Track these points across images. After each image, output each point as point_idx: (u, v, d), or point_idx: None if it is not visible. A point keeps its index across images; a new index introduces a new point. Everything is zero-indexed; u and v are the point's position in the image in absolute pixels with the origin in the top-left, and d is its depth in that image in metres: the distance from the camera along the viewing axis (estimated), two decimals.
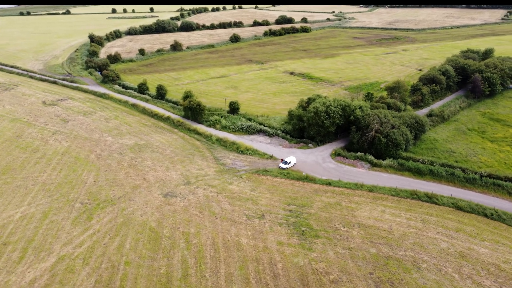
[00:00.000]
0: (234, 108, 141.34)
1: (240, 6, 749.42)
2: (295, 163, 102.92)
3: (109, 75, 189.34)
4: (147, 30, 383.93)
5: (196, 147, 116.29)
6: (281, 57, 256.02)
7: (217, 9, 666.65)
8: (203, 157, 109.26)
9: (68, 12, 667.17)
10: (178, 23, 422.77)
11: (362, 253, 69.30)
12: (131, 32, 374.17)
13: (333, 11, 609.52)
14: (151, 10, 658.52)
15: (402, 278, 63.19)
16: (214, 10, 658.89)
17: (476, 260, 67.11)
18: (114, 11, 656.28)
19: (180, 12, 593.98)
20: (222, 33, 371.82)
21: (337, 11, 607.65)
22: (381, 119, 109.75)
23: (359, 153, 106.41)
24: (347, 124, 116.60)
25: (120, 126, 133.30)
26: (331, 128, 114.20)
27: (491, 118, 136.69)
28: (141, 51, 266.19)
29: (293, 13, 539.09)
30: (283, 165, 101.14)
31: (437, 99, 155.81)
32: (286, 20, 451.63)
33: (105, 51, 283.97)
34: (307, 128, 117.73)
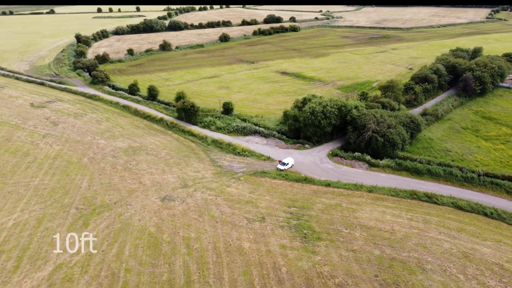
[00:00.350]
0: (228, 108, 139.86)
1: (227, 6, 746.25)
2: (293, 164, 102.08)
3: (98, 76, 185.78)
4: (134, 30, 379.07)
5: (192, 149, 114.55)
6: (271, 57, 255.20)
7: (205, 8, 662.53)
8: (199, 159, 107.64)
9: (52, 12, 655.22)
10: (166, 22, 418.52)
11: (366, 255, 68.78)
12: (118, 32, 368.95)
13: (321, 10, 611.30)
14: (138, 9, 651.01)
15: (407, 280, 62.80)
16: (201, 9, 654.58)
17: (479, 260, 67.16)
18: (99, 10, 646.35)
19: (167, 11, 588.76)
20: (211, 33, 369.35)
21: (324, 10, 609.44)
22: (377, 118, 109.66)
23: (356, 153, 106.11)
24: (343, 124, 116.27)
25: (112, 128, 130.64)
26: (328, 128, 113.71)
27: (483, 116, 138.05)
28: (130, 51, 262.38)
29: (281, 12, 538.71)
30: (281, 166, 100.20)
31: (429, 98, 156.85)
32: (274, 19, 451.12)
33: (93, 51, 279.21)
34: (303, 129, 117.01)
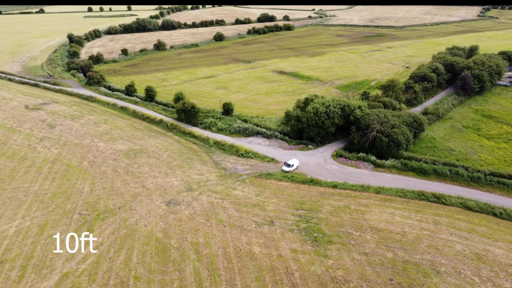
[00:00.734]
0: (228, 109, 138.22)
1: (219, 5, 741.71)
2: (298, 165, 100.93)
3: (93, 76, 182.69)
4: (127, 29, 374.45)
5: (194, 151, 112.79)
6: (267, 56, 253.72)
7: (197, 7, 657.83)
8: (202, 161, 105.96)
9: (42, 11, 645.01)
10: (159, 21, 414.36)
11: (379, 258, 67.91)
12: (111, 32, 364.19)
13: (313, 9, 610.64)
14: (129, 8, 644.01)
15: (422, 283, 62.04)
16: (193, 8, 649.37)
17: (492, 261, 66.67)
18: (90, 9, 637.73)
19: (159, 10, 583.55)
20: (204, 32, 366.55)
21: (317, 9, 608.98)
22: (381, 118, 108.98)
23: (361, 154, 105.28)
24: (346, 124, 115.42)
25: (111, 130, 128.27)
26: (331, 128, 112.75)
27: (483, 115, 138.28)
28: (124, 51, 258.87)
29: (274, 11, 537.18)
30: (286, 168, 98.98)
31: (429, 97, 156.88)
32: (268, 18, 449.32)
33: (86, 51, 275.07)
34: (306, 129, 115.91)
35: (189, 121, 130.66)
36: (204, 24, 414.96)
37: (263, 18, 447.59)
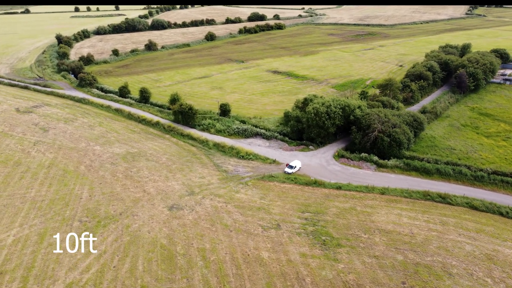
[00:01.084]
0: (225, 110, 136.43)
1: (208, 4, 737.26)
2: (300, 167, 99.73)
3: (85, 78, 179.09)
4: (116, 29, 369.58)
5: (193, 153, 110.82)
6: (260, 55, 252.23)
7: (186, 7, 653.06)
8: (202, 164, 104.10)
9: (27, 11, 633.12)
10: (149, 21, 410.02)
11: (390, 261, 67.03)
12: (100, 32, 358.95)
13: (303, 7, 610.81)
14: (117, 8, 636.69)
15: (436, 286, 61.28)
16: (182, 7, 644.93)
17: (503, 262, 66.30)
18: (77, 9, 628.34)
19: (148, 10, 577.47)
20: (195, 32, 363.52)
21: (306, 8, 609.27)
22: (381, 118, 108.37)
23: (363, 154, 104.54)
24: (347, 124, 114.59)
25: (106, 133, 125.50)
26: (332, 129, 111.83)
27: (480, 113, 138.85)
28: (115, 51, 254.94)
29: (264, 10, 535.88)
30: (288, 169, 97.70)
31: (425, 95, 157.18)
32: (258, 17, 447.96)
33: (75, 52, 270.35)
34: (306, 130, 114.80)
35: (187, 122, 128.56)
36: (195, 23, 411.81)
37: (254, 17, 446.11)
